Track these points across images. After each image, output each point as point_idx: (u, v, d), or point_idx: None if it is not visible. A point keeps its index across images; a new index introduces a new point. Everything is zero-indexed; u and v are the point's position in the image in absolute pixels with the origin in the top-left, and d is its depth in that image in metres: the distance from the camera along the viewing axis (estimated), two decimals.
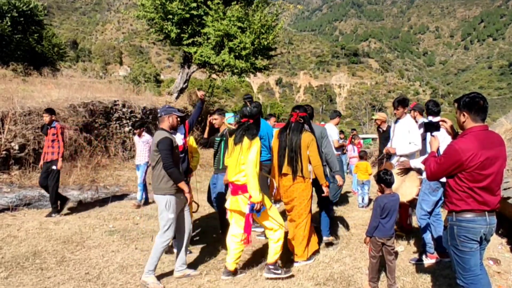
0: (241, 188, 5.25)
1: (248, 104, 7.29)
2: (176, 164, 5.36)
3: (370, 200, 10.19)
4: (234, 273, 5.48)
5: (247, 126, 5.39)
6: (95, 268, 5.68)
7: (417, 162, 6.24)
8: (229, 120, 7.68)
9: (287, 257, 5.99)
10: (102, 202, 10.01)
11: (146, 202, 10.18)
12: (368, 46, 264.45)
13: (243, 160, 5.18)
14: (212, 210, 8.41)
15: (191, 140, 7.28)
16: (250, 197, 5.10)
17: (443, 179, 4.05)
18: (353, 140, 15.74)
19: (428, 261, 5.91)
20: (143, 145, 10.04)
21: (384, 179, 5.11)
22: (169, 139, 5.32)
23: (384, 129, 9.65)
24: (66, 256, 6.13)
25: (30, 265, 5.72)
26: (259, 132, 5.46)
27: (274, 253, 5.37)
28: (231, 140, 5.52)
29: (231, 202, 5.44)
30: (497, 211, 3.80)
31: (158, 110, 5.70)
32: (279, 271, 5.35)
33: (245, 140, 5.22)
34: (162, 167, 5.26)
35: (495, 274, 5.54)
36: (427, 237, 5.94)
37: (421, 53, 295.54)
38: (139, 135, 10.11)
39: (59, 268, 5.65)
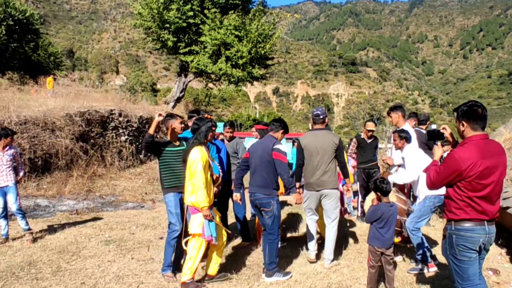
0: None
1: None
2: None
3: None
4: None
5: None
6: (91, 278, 5.62)
7: (394, 178, 6.27)
8: (219, 129, 7.86)
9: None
10: (98, 211, 9.95)
11: (29, 229, 7.37)
12: (366, 55, 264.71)
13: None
14: None
15: None
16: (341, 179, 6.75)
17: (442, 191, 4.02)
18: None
19: (428, 270, 5.84)
20: (9, 159, 7.28)
21: (380, 188, 5.08)
22: None
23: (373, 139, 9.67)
24: (62, 266, 6.07)
25: (25, 275, 5.66)
26: None
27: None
28: None
29: None
30: (496, 221, 3.78)
31: (319, 112, 6.11)
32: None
33: None
34: (335, 163, 6.00)
35: (494, 284, 5.51)
36: (424, 248, 5.85)
37: (420, 62, 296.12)
38: (4, 147, 7.25)
39: (54, 278, 5.59)
